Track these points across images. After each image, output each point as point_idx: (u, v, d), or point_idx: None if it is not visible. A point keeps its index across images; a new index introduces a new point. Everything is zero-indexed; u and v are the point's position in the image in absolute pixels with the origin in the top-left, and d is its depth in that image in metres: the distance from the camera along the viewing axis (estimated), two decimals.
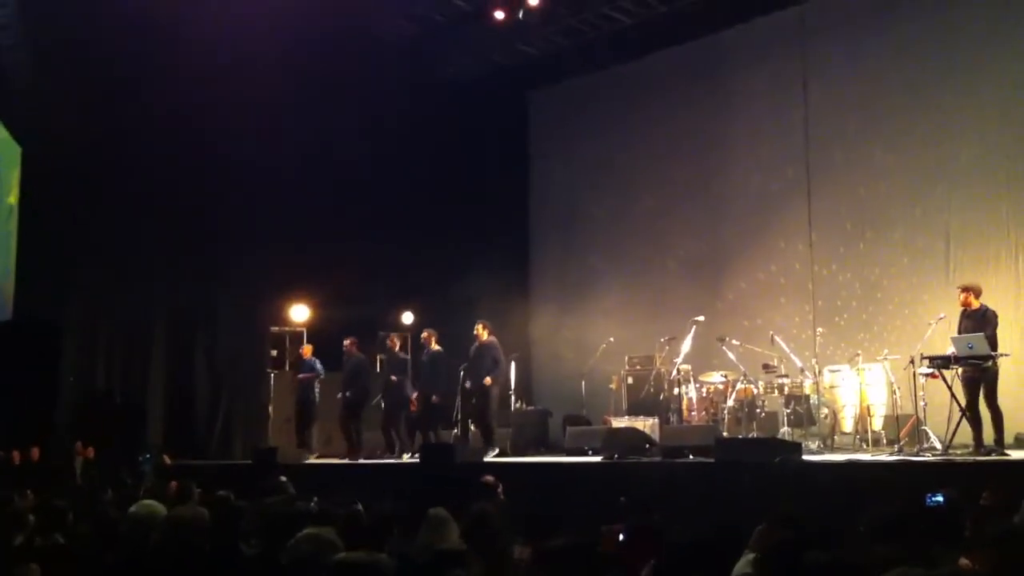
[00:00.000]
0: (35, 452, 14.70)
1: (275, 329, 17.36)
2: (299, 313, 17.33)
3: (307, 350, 15.65)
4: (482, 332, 13.80)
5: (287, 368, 17.02)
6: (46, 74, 15.09)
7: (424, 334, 14.74)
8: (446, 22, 17.52)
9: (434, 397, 14.28)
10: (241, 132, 16.06)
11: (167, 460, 14.93)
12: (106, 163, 15.56)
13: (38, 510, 6.91)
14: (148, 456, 14.68)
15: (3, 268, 17.30)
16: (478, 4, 16.88)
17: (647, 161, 17.56)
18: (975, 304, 10.54)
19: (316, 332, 17.26)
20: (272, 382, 15.96)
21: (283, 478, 9.80)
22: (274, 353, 17.11)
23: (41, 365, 15.53)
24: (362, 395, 14.79)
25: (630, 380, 14.69)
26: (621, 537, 5.34)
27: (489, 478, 9.61)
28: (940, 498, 5.85)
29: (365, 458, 14.35)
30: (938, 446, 10.21)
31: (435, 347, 14.49)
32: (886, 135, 14.81)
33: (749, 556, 5.52)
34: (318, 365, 15.28)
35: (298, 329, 17.51)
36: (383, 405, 14.77)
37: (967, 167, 13.96)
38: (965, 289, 10.66)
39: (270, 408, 15.88)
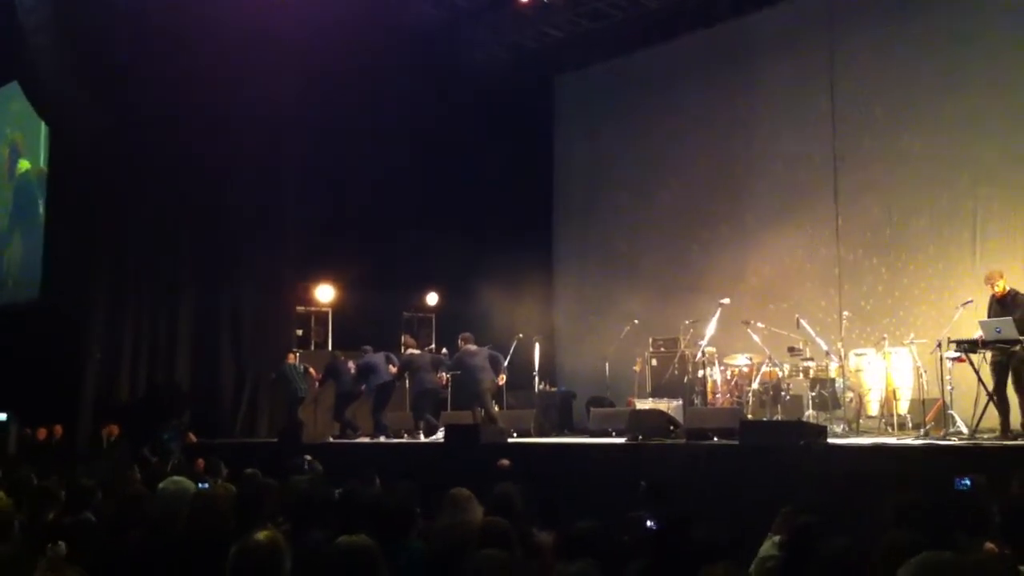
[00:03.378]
0: (58, 429, 14.87)
1: (300, 309, 17.45)
2: (324, 293, 17.44)
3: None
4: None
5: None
6: (74, 60, 15.17)
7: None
8: (472, 7, 17.49)
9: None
10: (267, 117, 16.16)
11: (192, 438, 15.08)
12: (132, 146, 15.64)
13: (67, 488, 6.99)
14: (171, 434, 14.79)
15: (33, 249, 17.52)
16: None
17: (672, 145, 17.50)
18: (1003, 288, 10.48)
19: (341, 312, 17.35)
20: (303, 369, 16.02)
21: (308, 457, 9.87)
22: (300, 332, 17.20)
23: (67, 344, 15.70)
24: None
25: (654, 362, 14.67)
26: (649, 524, 5.34)
27: (504, 461, 9.63)
28: (968, 482, 5.82)
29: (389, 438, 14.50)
30: (964, 430, 10.16)
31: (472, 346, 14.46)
32: (913, 122, 14.70)
33: (774, 538, 5.54)
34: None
35: (323, 309, 17.61)
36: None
37: (994, 155, 13.86)
38: (989, 280, 10.59)
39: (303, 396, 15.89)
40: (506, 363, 14.56)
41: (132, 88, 15.32)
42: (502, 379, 14.39)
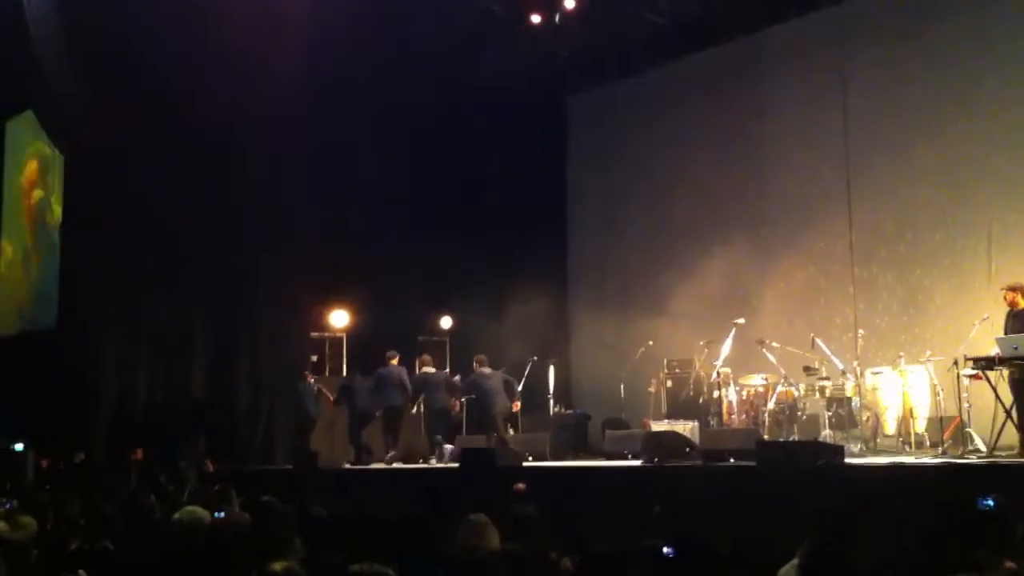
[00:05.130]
0: (80, 457, 14.89)
1: (315, 335, 17.45)
2: (339, 319, 17.45)
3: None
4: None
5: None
6: (84, 81, 15.23)
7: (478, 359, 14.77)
8: (483, 26, 17.55)
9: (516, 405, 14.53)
10: (279, 138, 16.21)
11: (209, 466, 15.06)
12: (145, 171, 15.65)
13: (87, 515, 7.00)
14: (187, 462, 14.76)
15: (50, 277, 17.60)
16: (514, 9, 16.90)
17: (684, 164, 17.50)
18: (1022, 304, 10.43)
19: (356, 337, 17.35)
20: (317, 390, 16.01)
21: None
22: (314, 358, 17.19)
23: (85, 372, 15.74)
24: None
25: (669, 383, 14.64)
26: (666, 551, 5.31)
27: (520, 485, 9.60)
28: (991, 502, 5.76)
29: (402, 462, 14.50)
30: (982, 448, 10.11)
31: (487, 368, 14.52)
32: (925, 136, 14.66)
33: (793, 561, 5.49)
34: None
35: (338, 334, 17.62)
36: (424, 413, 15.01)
37: (1007, 168, 13.80)
38: (1012, 289, 10.55)
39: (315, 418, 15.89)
40: (520, 386, 14.56)
41: (142, 114, 15.36)
42: (517, 405, 14.37)
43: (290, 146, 16.55)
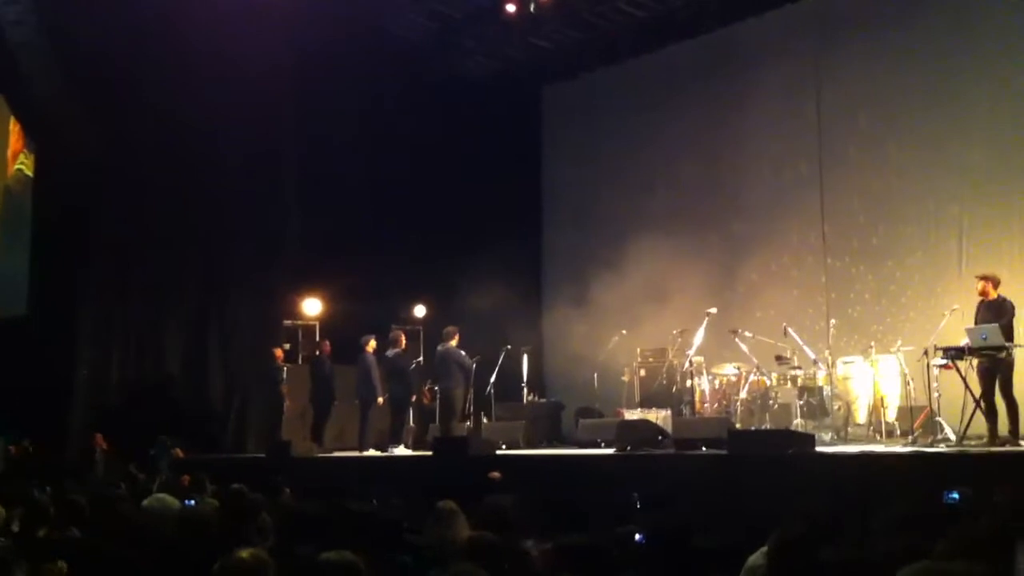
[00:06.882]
0: (26, 444, 14.72)
1: (288, 323, 17.39)
2: (312, 307, 17.40)
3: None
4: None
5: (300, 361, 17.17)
6: (58, 72, 15.08)
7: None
8: (459, 18, 17.49)
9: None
10: (254, 129, 16.12)
11: (179, 453, 14.97)
12: (118, 160, 15.56)
13: (56, 504, 6.95)
14: (158, 450, 14.66)
15: (19, 262, 17.41)
16: None
17: (660, 155, 17.54)
18: (993, 294, 10.52)
19: (329, 326, 17.31)
20: (285, 375, 15.98)
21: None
22: (287, 347, 17.13)
23: (55, 360, 15.60)
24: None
25: (642, 372, 14.66)
26: (637, 537, 5.33)
27: (495, 474, 9.61)
28: (956, 496, 5.81)
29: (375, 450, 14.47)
30: (952, 437, 10.20)
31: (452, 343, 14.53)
32: (899, 130, 14.78)
33: (763, 549, 5.52)
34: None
35: (311, 323, 17.56)
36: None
37: (980, 161, 13.92)
38: (984, 278, 10.64)
39: (284, 402, 15.86)
40: (494, 376, 14.69)
41: (114, 104, 15.23)
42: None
43: (265, 137, 16.46)
